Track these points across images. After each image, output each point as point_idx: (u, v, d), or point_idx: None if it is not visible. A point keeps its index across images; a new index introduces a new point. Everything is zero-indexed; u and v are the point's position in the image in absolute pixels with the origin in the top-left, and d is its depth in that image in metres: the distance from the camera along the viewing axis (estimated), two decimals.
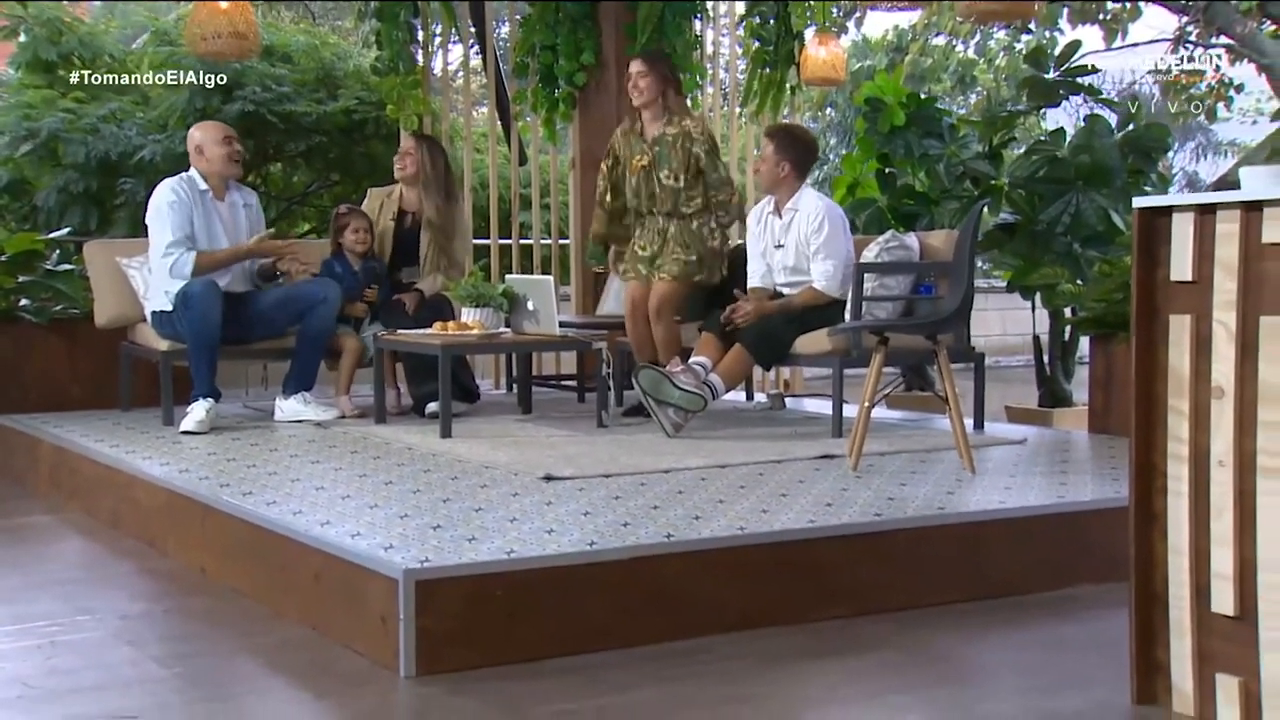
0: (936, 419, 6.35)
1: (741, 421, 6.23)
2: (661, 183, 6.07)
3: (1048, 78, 6.81)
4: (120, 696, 3.06)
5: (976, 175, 6.95)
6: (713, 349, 5.78)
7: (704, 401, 5.59)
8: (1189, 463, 2.89)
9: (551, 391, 7.53)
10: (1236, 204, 2.80)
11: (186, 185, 6.05)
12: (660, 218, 6.14)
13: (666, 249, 6.10)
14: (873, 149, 7.31)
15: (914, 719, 2.94)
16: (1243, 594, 2.80)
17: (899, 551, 3.87)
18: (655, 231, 6.16)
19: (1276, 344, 2.72)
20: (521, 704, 3.00)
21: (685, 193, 6.07)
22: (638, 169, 6.14)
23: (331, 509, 4.01)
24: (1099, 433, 5.99)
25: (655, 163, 6.08)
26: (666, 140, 6.07)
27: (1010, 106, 7.60)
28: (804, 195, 5.91)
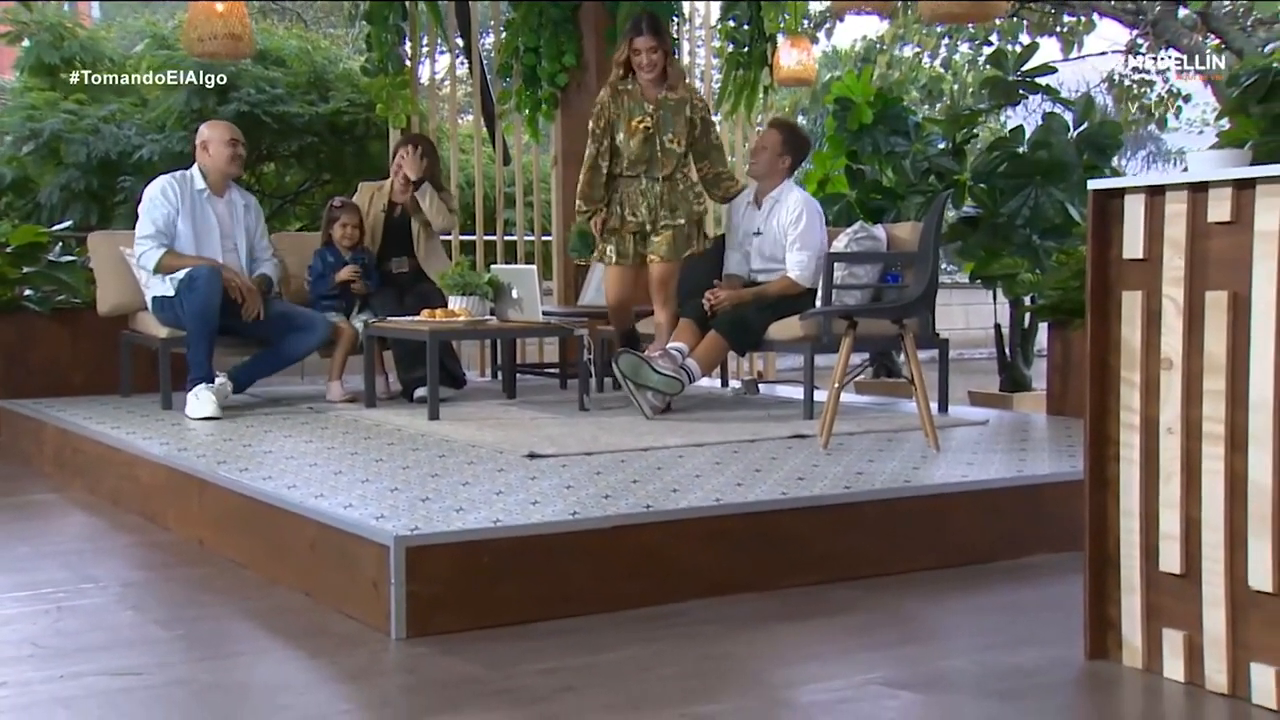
0: (903, 403, 6.40)
1: (717, 405, 6.26)
2: (665, 146, 5.84)
3: (1008, 78, 6.86)
4: (124, 655, 3.07)
5: (940, 171, 6.99)
6: (690, 335, 5.81)
7: (681, 385, 5.62)
8: (1140, 431, 2.94)
9: (535, 378, 7.56)
10: (1184, 185, 2.85)
11: (178, 184, 6.06)
12: (649, 180, 5.88)
13: (656, 215, 5.89)
14: (842, 146, 7.36)
15: (880, 674, 2.97)
16: (1188, 553, 2.85)
17: (867, 522, 3.90)
18: (639, 193, 5.89)
19: (1220, 317, 2.77)
20: (507, 663, 3.02)
21: (683, 158, 5.90)
22: (638, 130, 5.83)
23: (325, 483, 4.03)
24: (1056, 415, 6.04)
25: (659, 125, 5.84)
26: (670, 104, 5.85)
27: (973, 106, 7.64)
28: (787, 188, 5.99)
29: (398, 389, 6.45)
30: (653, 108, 5.81)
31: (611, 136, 5.87)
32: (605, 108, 5.88)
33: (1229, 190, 2.75)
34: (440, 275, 6.18)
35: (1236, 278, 2.74)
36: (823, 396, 5.11)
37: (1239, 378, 2.74)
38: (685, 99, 5.87)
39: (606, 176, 5.89)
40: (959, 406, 6.42)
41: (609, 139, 5.86)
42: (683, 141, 5.84)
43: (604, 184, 5.89)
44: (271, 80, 10.07)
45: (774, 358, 8.85)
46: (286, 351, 6.17)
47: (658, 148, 5.84)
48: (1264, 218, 2.69)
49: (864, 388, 7.61)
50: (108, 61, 10.52)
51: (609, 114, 5.87)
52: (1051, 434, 5.38)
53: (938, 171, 7.02)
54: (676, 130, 5.82)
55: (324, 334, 6.16)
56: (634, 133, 5.81)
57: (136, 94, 10.42)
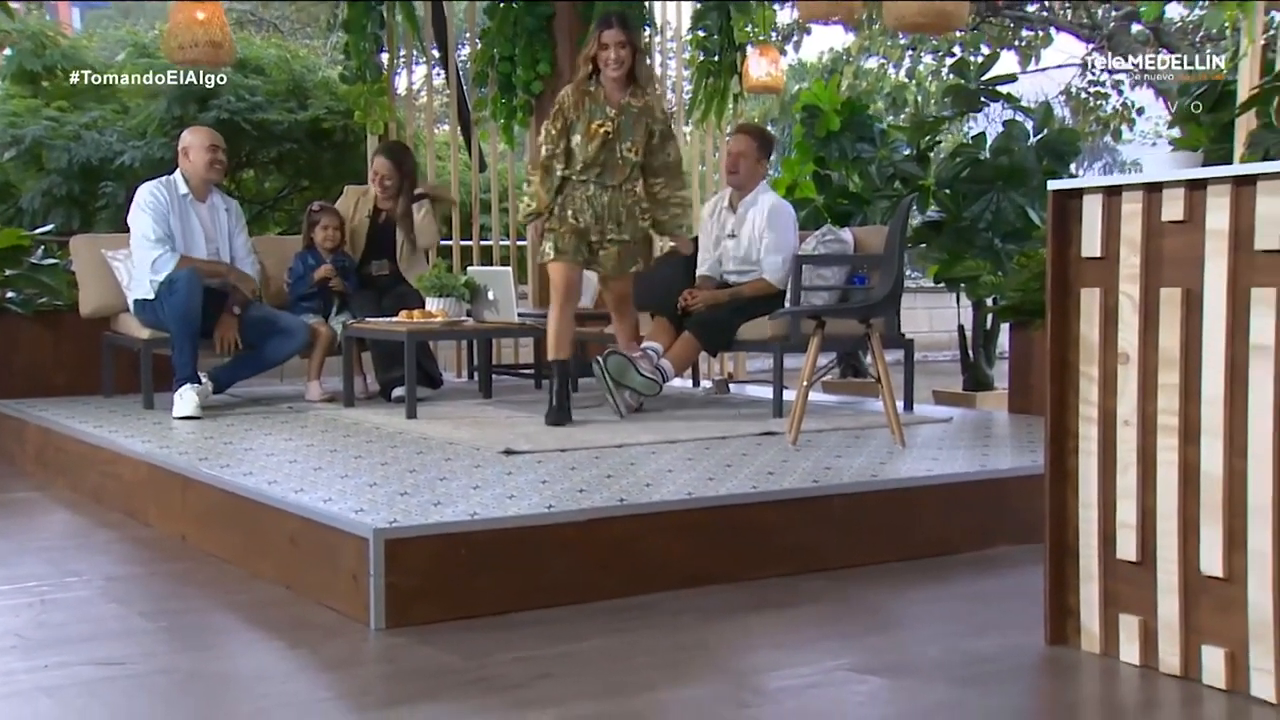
0: (869, 401, 6.43)
1: (688, 404, 6.28)
2: (622, 154, 5.46)
3: (970, 87, 6.90)
4: (108, 646, 3.07)
5: (905, 176, 7.04)
6: (664, 334, 5.82)
7: (659, 386, 5.64)
8: (1098, 424, 2.97)
9: (510, 378, 7.56)
10: (1140, 185, 2.88)
11: (165, 188, 6.03)
12: (598, 187, 5.49)
13: (604, 225, 5.50)
14: (810, 152, 7.39)
15: (848, 661, 2.98)
16: (1144, 541, 2.88)
17: (835, 515, 3.92)
18: (586, 199, 5.49)
19: (1174, 313, 2.80)
20: (483, 653, 3.03)
21: (636, 168, 5.52)
22: (597, 133, 5.42)
23: (305, 479, 4.02)
24: (1018, 412, 6.09)
25: (619, 131, 5.45)
26: (632, 111, 5.46)
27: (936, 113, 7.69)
28: (761, 190, 6.03)
29: (375, 389, 6.45)
30: (615, 112, 5.44)
31: (568, 138, 5.49)
32: (565, 109, 5.50)
33: (1182, 191, 2.79)
34: (418, 277, 6.19)
35: (1189, 275, 2.78)
36: (791, 395, 5.13)
37: (1192, 372, 2.78)
38: (649, 108, 5.51)
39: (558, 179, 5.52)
40: (924, 405, 6.46)
41: (565, 141, 5.49)
42: (639, 151, 5.48)
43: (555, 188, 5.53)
44: (251, 88, 10.04)
45: (744, 359, 8.88)
46: (267, 355, 6.17)
47: (615, 154, 5.46)
48: (1214, 217, 2.72)
49: (831, 387, 7.64)
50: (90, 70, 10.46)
51: (568, 115, 5.48)
52: (1013, 430, 5.43)
53: (902, 177, 7.06)
54: (635, 139, 5.46)
55: (304, 339, 6.16)
56: (593, 136, 5.42)
57: (118, 102, 10.38)
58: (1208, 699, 2.69)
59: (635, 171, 5.52)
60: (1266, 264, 2.63)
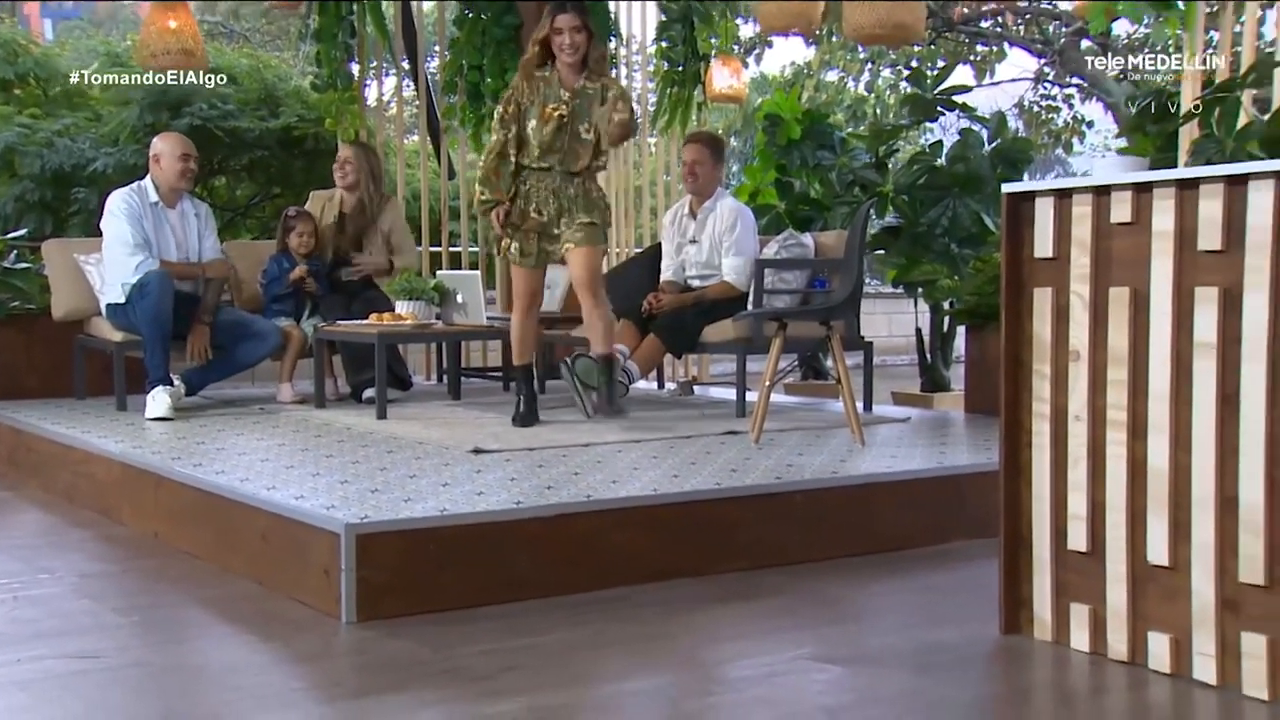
0: (830, 403, 6.46)
1: (653, 405, 6.28)
2: (580, 137, 5.16)
3: (927, 96, 6.95)
4: (81, 641, 3.05)
5: (865, 183, 7.07)
6: (630, 337, 5.83)
7: (626, 389, 5.64)
8: (1050, 419, 3.00)
9: (479, 381, 7.54)
10: (1089, 189, 2.92)
11: (136, 194, 5.99)
12: (562, 177, 5.20)
13: (571, 214, 5.21)
14: (772, 160, 7.42)
15: (809, 651, 3.00)
16: (1094, 532, 2.92)
17: (796, 510, 3.94)
18: (550, 190, 5.20)
19: (1123, 312, 2.84)
20: (452, 645, 3.03)
21: (597, 150, 5.22)
22: (551, 117, 5.12)
23: (277, 477, 4.01)
24: (974, 412, 6.13)
25: (575, 114, 5.15)
26: (588, 93, 5.16)
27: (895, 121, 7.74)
28: (720, 196, 6.06)
29: (346, 392, 6.43)
30: (569, 95, 5.15)
31: (520, 124, 5.18)
32: (517, 92, 5.20)
33: (1129, 194, 2.83)
34: (388, 284, 6.18)
35: (1136, 275, 2.81)
36: (754, 396, 5.15)
37: (1139, 369, 2.82)
38: (604, 89, 5.17)
39: (515, 167, 5.20)
40: (882, 405, 6.50)
41: (517, 125, 5.18)
42: (593, 130, 5.16)
43: (512, 174, 5.21)
44: (223, 96, 9.98)
45: (708, 361, 8.90)
46: (239, 358, 6.14)
47: (573, 138, 5.16)
48: (1160, 219, 2.76)
49: (793, 389, 7.67)
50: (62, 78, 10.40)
51: (521, 99, 5.18)
52: (969, 429, 5.47)
53: (862, 184, 7.10)
54: (591, 120, 5.14)
55: (275, 342, 6.14)
56: (547, 119, 5.12)
57: (90, 109, 10.30)
58: (1153, 683, 2.73)
59: (596, 153, 5.23)
60: (1209, 264, 2.67)
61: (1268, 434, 2.57)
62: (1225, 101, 4.94)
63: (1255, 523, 2.59)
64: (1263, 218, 2.58)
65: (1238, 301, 2.62)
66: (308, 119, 9.86)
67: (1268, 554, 2.58)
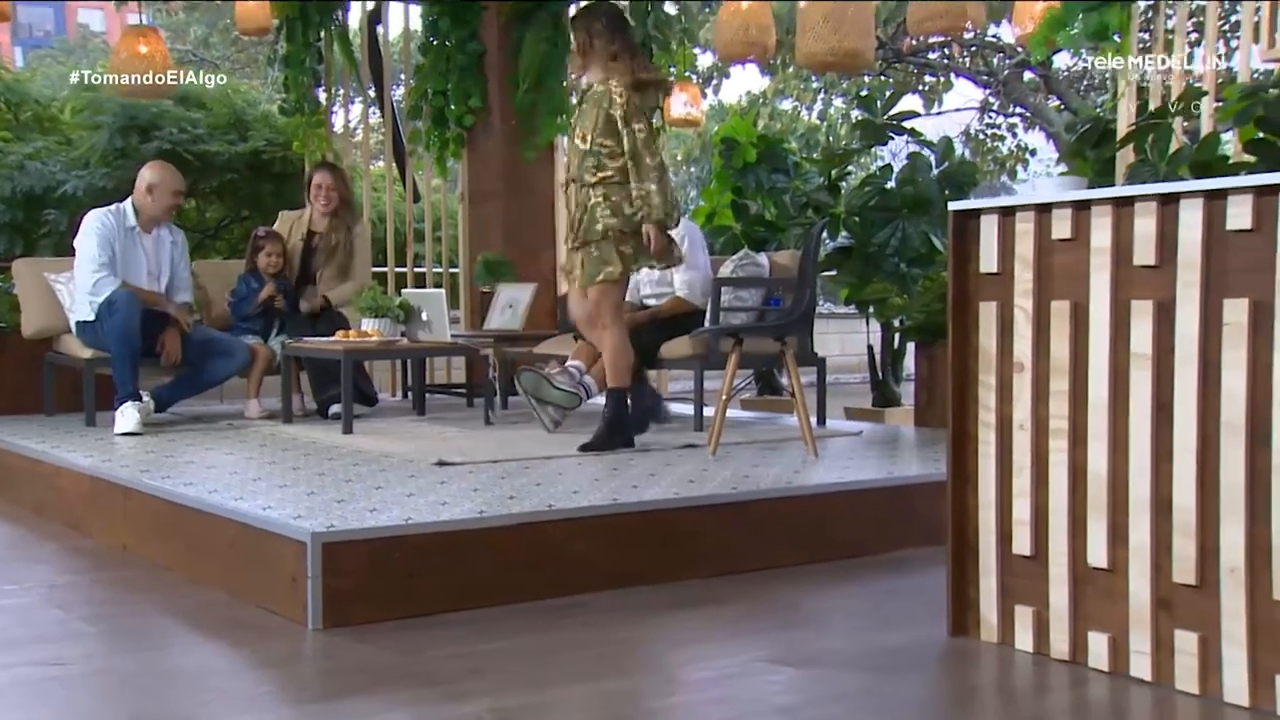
0: (784, 418, 6.49)
1: None
2: (576, 144, 4.96)
3: (877, 121, 7.02)
4: (50, 649, 3.02)
5: (817, 205, 7.13)
6: (587, 354, 5.83)
7: (579, 400, 5.64)
8: (996, 429, 3.03)
9: (443, 397, 7.53)
10: (1031, 207, 2.96)
11: (114, 217, 5.96)
12: (576, 186, 4.99)
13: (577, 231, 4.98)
14: (728, 182, 7.47)
15: (764, 654, 3.01)
16: (1037, 537, 2.95)
17: (752, 520, 3.96)
18: (573, 203, 5.01)
19: (1064, 325, 2.88)
20: (417, 650, 3.02)
21: (588, 157, 4.90)
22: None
23: (244, 488, 3.98)
24: (923, 426, 6.18)
25: (576, 120, 4.99)
26: (592, 96, 4.93)
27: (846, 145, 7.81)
28: None
29: (312, 408, 6.40)
30: (578, 99, 5.00)
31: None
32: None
33: (1069, 211, 2.87)
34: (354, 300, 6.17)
35: (1077, 289, 2.85)
36: (711, 411, 5.17)
37: (1080, 379, 2.85)
38: (606, 92, 4.87)
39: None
40: (835, 420, 6.53)
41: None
42: (589, 139, 4.87)
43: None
44: (193, 121, 9.94)
45: (666, 377, 8.91)
46: (208, 375, 6.11)
47: (575, 146, 4.97)
48: (1098, 235, 2.81)
49: (749, 405, 7.70)
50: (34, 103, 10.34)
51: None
52: (919, 442, 5.51)
53: (814, 205, 7.16)
54: (584, 126, 4.89)
55: (244, 360, 6.11)
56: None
57: (61, 134, 10.23)
58: (1092, 681, 2.76)
59: (590, 163, 4.89)
60: (1144, 278, 2.72)
61: (1198, 440, 2.62)
62: (1158, 128, 5.02)
63: (1188, 525, 2.63)
64: (1193, 234, 2.62)
65: (1170, 314, 2.67)
66: (276, 143, 9.84)
67: (1199, 555, 2.62)
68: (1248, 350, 2.55)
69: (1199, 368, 2.62)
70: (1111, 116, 5.64)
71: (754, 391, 8.00)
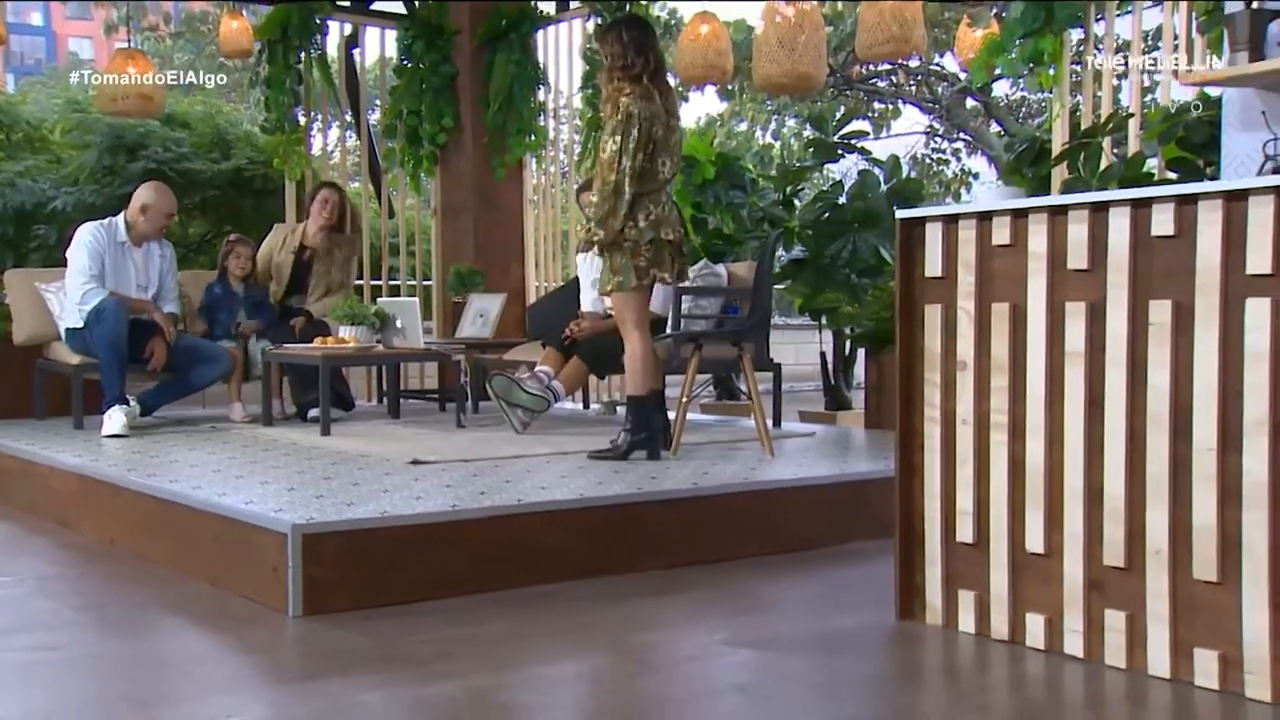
0: (742, 421, 6.51)
1: (580, 423, 6.29)
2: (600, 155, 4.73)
3: (829, 140, 7.07)
4: (41, 635, 3.00)
5: (773, 219, 7.17)
6: (554, 360, 5.84)
7: (547, 403, 5.64)
8: (940, 424, 3.06)
9: (417, 402, 7.50)
10: (974, 214, 3.00)
11: (105, 230, 5.93)
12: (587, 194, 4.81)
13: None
14: (688, 198, 7.49)
15: (722, 637, 3.03)
16: (979, 525, 2.98)
17: (711, 514, 3.98)
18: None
19: (1003, 326, 2.92)
20: (393, 636, 3.02)
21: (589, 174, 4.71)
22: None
23: (227, 484, 3.96)
24: (873, 428, 6.22)
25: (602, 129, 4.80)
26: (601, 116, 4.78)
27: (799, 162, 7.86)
28: None
29: (291, 411, 6.38)
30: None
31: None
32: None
33: (1008, 219, 2.91)
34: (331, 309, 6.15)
35: (1015, 292, 2.89)
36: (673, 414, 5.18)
37: (1019, 376, 2.89)
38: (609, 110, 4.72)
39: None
40: (790, 422, 6.56)
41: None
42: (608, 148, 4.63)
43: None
44: (178, 140, 9.90)
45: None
46: (192, 381, 6.07)
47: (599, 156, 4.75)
48: (1035, 241, 2.85)
49: (708, 409, 7.72)
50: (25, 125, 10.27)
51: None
52: (869, 442, 5.54)
53: (770, 220, 7.19)
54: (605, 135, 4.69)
55: (226, 366, 6.07)
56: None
57: (51, 153, 10.17)
58: (1030, 659, 2.79)
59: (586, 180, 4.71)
60: (1077, 281, 2.76)
61: (1127, 432, 2.66)
62: (1089, 147, 5.09)
63: (1117, 511, 2.67)
64: (1122, 239, 2.67)
65: (1102, 314, 2.71)
66: (257, 161, 9.80)
67: (1127, 539, 2.66)
68: (1171, 348, 2.59)
69: (1128, 365, 2.67)
70: (1047, 137, 5.71)
71: (713, 397, 8.02)
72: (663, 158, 4.67)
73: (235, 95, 20.25)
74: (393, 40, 8.32)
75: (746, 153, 19.01)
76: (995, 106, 19.71)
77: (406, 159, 8.17)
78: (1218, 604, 2.52)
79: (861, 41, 6.42)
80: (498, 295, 7.10)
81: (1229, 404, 2.50)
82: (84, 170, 9.52)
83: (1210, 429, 2.52)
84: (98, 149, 9.46)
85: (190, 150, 9.90)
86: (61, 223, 8.74)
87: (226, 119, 10.84)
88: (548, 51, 8.20)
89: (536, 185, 8.50)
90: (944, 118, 20.11)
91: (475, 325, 6.92)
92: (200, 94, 13.45)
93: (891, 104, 20.25)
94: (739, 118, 20.41)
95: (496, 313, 6.91)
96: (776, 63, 6.38)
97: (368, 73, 9.59)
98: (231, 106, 15.54)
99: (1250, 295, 2.47)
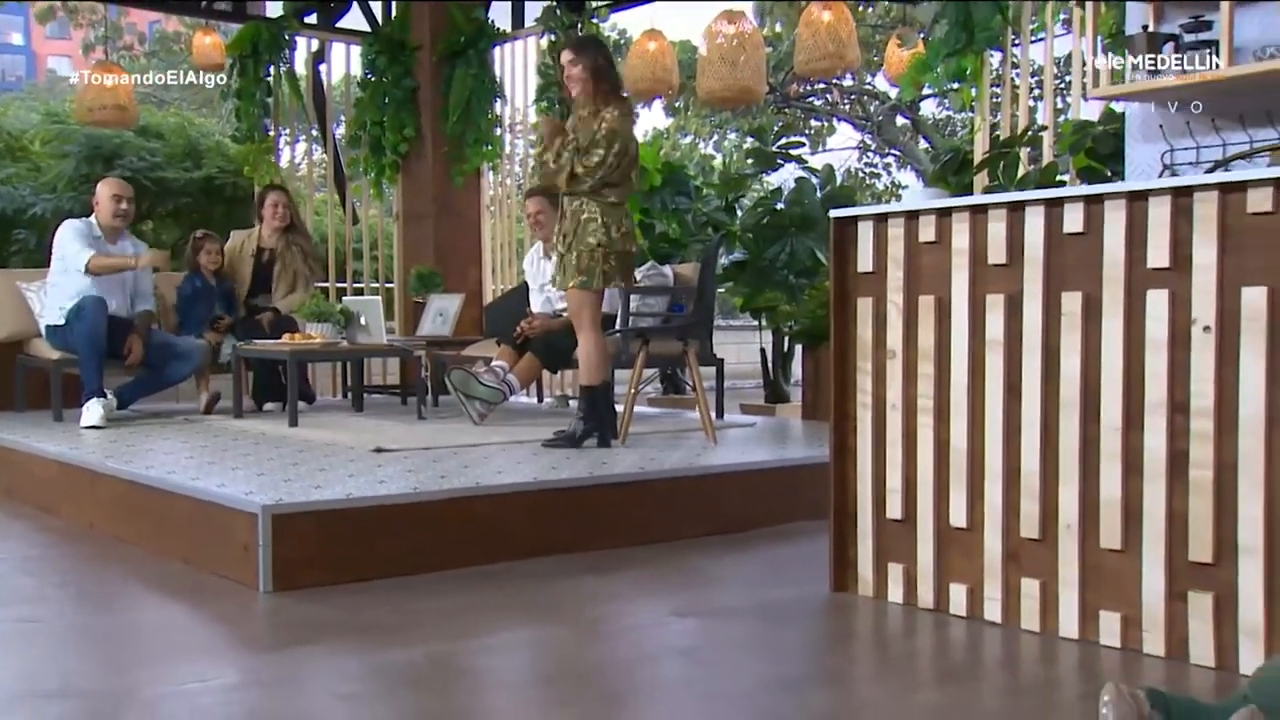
0: (687, 413, 6.52)
1: (534, 415, 6.29)
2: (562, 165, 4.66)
3: (769, 149, 7.12)
4: (24, 609, 2.96)
5: (716, 224, 7.21)
6: (509, 356, 5.82)
7: (503, 396, 5.62)
8: (872, 409, 3.10)
9: (379, 396, 7.47)
10: (902, 213, 3.04)
11: (85, 225, 5.85)
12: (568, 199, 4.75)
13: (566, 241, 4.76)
14: (636, 204, 7.51)
15: (669, 609, 3.05)
16: (907, 503, 3.02)
17: (658, 497, 4.00)
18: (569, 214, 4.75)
19: (930, 317, 2.96)
20: (359, 608, 3.01)
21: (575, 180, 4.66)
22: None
23: (200, 470, 3.93)
24: (810, 419, 6.27)
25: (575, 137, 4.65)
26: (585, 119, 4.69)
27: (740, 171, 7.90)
28: None
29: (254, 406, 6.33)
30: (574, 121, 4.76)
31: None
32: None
33: (934, 217, 2.95)
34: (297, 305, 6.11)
35: (940, 285, 2.94)
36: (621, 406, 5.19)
37: (944, 364, 2.93)
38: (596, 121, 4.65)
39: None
40: (732, 414, 6.58)
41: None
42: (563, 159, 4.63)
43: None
44: (152, 150, 9.81)
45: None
46: (167, 376, 5.98)
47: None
48: (958, 238, 2.89)
49: (655, 403, 7.74)
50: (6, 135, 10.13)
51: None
52: (806, 431, 5.59)
53: (713, 224, 7.23)
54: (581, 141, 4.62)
55: (199, 361, 6.00)
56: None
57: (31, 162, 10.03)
58: (953, 625, 2.84)
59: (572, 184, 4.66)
60: (997, 275, 2.81)
61: (1042, 414, 2.71)
62: (1008, 156, 5.18)
63: (1033, 488, 2.73)
64: (1036, 237, 2.72)
65: (1019, 306, 2.76)
66: (227, 170, 9.73)
67: (1041, 514, 2.71)
68: (1081, 337, 2.64)
69: (1042, 353, 2.72)
70: (970, 148, 5.79)
71: (659, 392, 8.04)
72: (634, 171, 4.80)
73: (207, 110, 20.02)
74: (357, 56, 8.28)
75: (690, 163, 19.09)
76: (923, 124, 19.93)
77: (370, 167, 8.14)
78: (1121, 570, 2.58)
79: (800, 59, 6.48)
80: (456, 295, 7.08)
81: (1132, 387, 2.56)
82: (62, 178, 9.43)
83: (1116, 410, 2.58)
84: (75, 158, 9.36)
85: (164, 160, 9.82)
86: (40, 228, 8.65)
87: (198, 130, 10.74)
88: (504, 67, 8.19)
89: (494, 196, 8.48)
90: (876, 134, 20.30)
91: (435, 324, 6.90)
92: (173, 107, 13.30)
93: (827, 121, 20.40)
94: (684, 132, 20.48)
95: (455, 312, 6.89)
96: (719, 78, 6.42)
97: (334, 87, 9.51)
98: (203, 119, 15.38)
99: (1150, 288, 2.53)
